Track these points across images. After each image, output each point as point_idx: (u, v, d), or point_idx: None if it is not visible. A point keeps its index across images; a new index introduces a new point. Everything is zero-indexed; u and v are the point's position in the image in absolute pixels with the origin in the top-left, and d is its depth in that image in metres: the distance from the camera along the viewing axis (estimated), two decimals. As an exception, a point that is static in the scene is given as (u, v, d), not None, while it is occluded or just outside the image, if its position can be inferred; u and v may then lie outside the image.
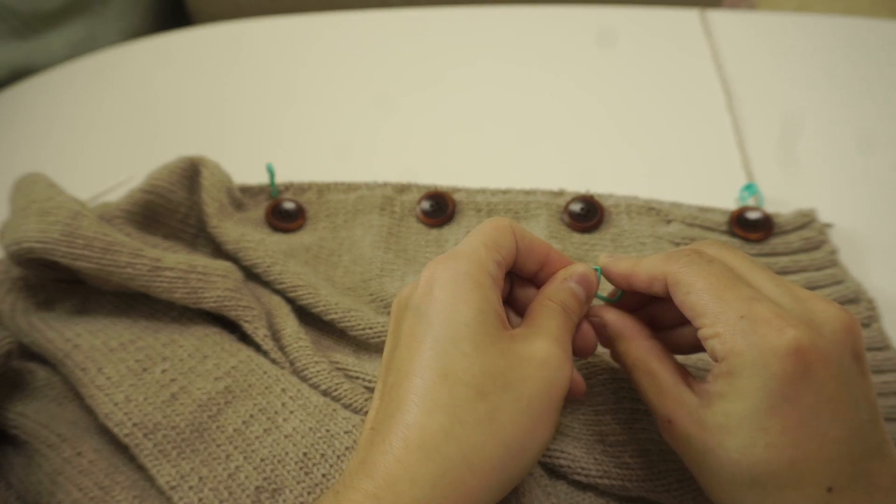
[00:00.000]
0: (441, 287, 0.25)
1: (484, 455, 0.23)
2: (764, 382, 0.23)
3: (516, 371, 0.24)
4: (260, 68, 0.59)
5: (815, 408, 0.23)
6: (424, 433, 0.23)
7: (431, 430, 0.23)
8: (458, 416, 0.23)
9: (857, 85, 0.56)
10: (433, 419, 0.23)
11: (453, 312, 0.24)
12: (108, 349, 0.34)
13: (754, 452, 0.23)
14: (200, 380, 0.34)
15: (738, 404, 0.24)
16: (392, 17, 0.63)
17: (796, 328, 0.23)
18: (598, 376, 0.35)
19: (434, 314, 0.24)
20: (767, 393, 0.23)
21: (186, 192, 0.42)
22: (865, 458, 0.23)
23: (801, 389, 0.23)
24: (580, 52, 0.60)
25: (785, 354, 0.23)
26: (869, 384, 0.24)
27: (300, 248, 0.43)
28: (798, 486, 0.23)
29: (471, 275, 0.25)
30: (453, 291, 0.25)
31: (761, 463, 0.23)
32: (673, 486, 0.31)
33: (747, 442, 0.23)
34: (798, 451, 0.23)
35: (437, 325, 0.24)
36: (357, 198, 0.46)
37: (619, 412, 0.33)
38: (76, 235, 0.34)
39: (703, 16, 0.61)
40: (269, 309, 0.39)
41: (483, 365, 0.24)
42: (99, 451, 0.32)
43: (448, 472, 0.22)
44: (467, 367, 0.24)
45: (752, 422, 0.23)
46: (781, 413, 0.23)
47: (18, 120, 0.55)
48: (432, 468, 0.22)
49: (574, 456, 0.34)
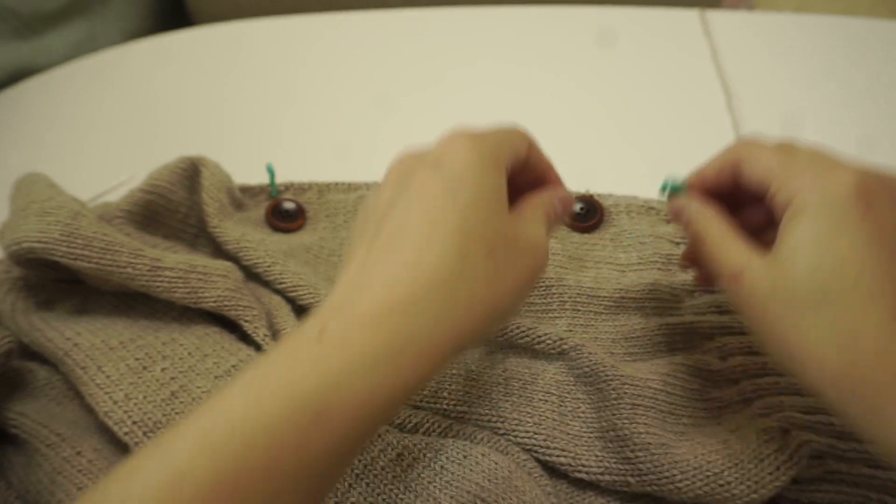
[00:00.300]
0: (463, 155, 0.26)
1: (482, 302, 0.25)
2: (831, 209, 0.25)
3: (519, 243, 0.27)
4: (260, 68, 0.59)
5: (881, 230, 0.25)
6: (435, 273, 0.24)
7: (443, 271, 0.24)
8: (468, 264, 0.25)
9: (857, 85, 0.56)
10: (446, 262, 0.24)
11: (477, 178, 0.26)
12: (107, 348, 0.34)
13: (824, 268, 0.25)
14: (200, 378, 0.34)
15: (807, 231, 0.26)
16: (392, 17, 0.63)
17: (858, 171, 0.26)
18: (599, 374, 0.35)
19: (458, 174, 0.26)
20: (834, 217, 0.25)
21: (187, 192, 0.42)
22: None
23: (866, 214, 0.25)
24: (580, 52, 0.60)
25: (849, 185, 0.25)
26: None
27: (300, 249, 0.43)
28: (868, 302, 0.24)
29: (492, 154, 0.27)
30: (479, 161, 0.26)
31: (832, 277, 0.24)
32: (676, 479, 0.31)
33: (817, 260, 0.25)
34: (866, 265, 0.24)
35: (459, 184, 0.26)
36: (357, 198, 0.46)
37: (619, 408, 0.33)
38: (76, 235, 0.34)
39: (702, 16, 0.61)
40: (269, 309, 0.39)
41: (495, 229, 0.26)
42: (99, 451, 0.32)
43: (448, 313, 0.24)
44: (483, 226, 0.25)
45: (821, 242, 0.25)
46: (849, 232, 0.25)
47: (19, 120, 0.55)
48: (435, 306, 0.24)
49: (574, 454, 0.34)
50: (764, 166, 0.28)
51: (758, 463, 0.30)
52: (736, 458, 0.31)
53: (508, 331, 0.37)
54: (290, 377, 0.22)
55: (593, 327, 0.40)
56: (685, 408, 0.35)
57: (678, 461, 0.31)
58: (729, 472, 0.30)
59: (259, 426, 0.21)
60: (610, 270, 0.43)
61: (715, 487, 0.30)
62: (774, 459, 0.30)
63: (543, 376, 0.37)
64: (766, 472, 0.30)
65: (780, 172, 0.27)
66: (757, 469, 0.30)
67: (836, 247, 0.25)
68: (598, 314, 0.41)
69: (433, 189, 0.26)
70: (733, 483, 0.30)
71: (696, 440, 0.33)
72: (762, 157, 0.28)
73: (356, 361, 0.22)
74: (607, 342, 0.39)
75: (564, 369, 0.37)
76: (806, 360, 0.25)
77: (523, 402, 0.36)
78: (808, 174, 0.27)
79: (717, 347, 0.37)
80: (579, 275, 0.42)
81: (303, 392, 0.22)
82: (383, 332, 0.23)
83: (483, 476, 0.31)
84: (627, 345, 0.39)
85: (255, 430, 0.21)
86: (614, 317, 0.41)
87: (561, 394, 0.36)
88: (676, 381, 0.35)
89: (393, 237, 0.25)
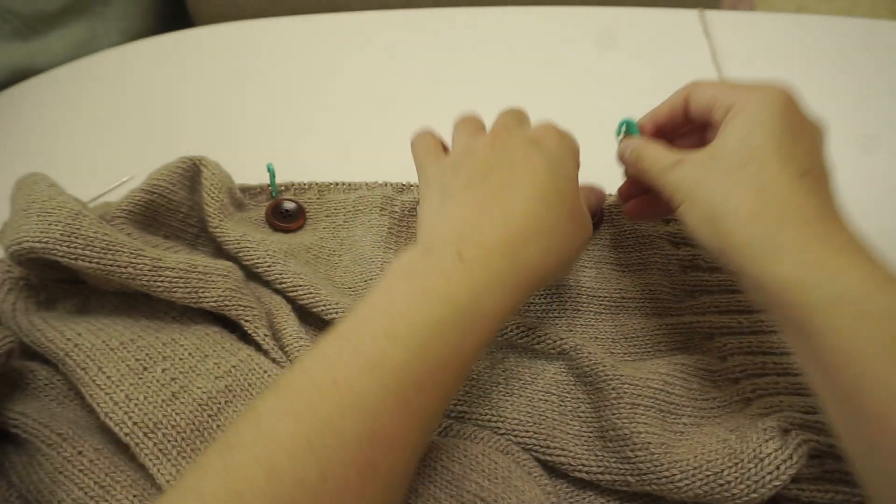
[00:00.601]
0: (558, 143, 0.34)
1: (561, 256, 0.32)
2: (761, 108, 0.31)
3: (585, 219, 0.34)
4: (260, 68, 0.59)
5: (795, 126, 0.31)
6: (542, 223, 0.31)
7: (548, 223, 0.31)
8: (561, 224, 0.32)
9: (856, 85, 0.56)
10: (550, 217, 0.31)
11: (567, 161, 0.34)
12: (108, 348, 0.34)
13: (751, 140, 0.31)
14: (201, 379, 0.34)
15: (741, 121, 0.32)
16: (392, 18, 0.63)
17: (785, 89, 0.32)
18: (599, 374, 0.35)
19: (556, 156, 0.33)
20: (763, 112, 0.31)
21: (187, 192, 0.42)
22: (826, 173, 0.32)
23: (785, 113, 0.31)
24: (580, 52, 0.60)
25: (777, 93, 0.32)
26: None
27: (301, 249, 0.43)
28: (781, 165, 0.30)
29: (575, 149, 0.36)
30: (567, 151, 0.34)
31: (756, 148, 0.30)
32: (676, 478, 0.31)
33: (746, 135, 0.31)
34: (783, 142, 0.30)
35: (557, 163, 0.33)
36: (357, 198, 0.46)
37: (619, 408, 0.33)
38: (77, 235, 0.34)
39: (702, 16, 0.61)
40: (269, 309, 0.39)
41: (575, 202, 0.33)
42: (99, 451, 0.32)
43: (546, 255, 0.31)
44: (572, 199, 0.33)
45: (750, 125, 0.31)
46: (772, 122, 0.31)
47: (20, 120, 0.55)
48: (539, 248, 0.30)
49: (574, 453, 0.34)
50: (709, 94, 0.34)
51: (758, 462, 0.30)
52: (736, 457, 0.31)
53: (508, 331, 0.37)
54: (446, 289, 0.27)
55: (593, 327, 0.40)
56: (685, 407, 0.35)
57: (678, 461, 0.31)
58: (728, 471, 0.30)
59: (432, 327, 0.27)
60: (610, 270, 0.43)
61: (714, 487, 0.30)
62: (774, 459, 0.30)
63: (543, 376, 0.37)
64: (766, 471, 0.30)
65: (722, 94, 0.33)
66: (757, 469, 0.30)
67: (761, 129, 0.31)
68: (599, 314, 0.41)
69: (536, 160, 0.33)
70: (733, 482, 0.30)
71: (695, 439, 0.33)
72: (708, 88, 0.35)
73: (494, 280, 0.28)
74: (607, 342, 0.39)
75: (564, 369, 0.37)
76: (728, 210, 0.30)
77: (523, 401, 0.36)
78: (746, 90, 0.33)
79: (716, 347, 0.37)
80: (579, 275, 0.42)
81: (458, 302, 0.27)
82: (507, 258, 0.29)
83: (482, 475, 0.31)
84: (627, 345, 0.39)
85: (430, 330, 0.26)
86: (614, 317, 0.41)
87: (561, 393, 0.36)
88: (676, 380, 0.35)
89: (503, 188, 0.32)
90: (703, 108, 0.34)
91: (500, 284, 0.29)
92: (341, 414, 0.24)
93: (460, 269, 0.28)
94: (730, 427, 0.33)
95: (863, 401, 0.25)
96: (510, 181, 0.32)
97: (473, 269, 0.28)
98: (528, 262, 0.30)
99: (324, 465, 0.23)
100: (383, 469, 0.25)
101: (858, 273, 0.27)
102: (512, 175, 0.32)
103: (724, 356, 0.36)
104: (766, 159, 0.30)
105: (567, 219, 0.32)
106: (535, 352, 0.38)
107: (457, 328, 0.27)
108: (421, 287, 0.28)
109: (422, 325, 0.26)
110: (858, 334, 0.26)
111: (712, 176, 0.31)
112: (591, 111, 0.55)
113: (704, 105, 0.34)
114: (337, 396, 0.25)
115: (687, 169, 0.33)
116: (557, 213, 0.32)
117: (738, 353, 0.37)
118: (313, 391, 0.25)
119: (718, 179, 0.31)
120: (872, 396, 0.25)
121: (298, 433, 0.24)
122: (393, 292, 0.28)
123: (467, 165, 0.33)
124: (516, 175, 0.32)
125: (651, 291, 0.41)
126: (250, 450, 0.23)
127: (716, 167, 0.31)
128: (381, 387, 0.25)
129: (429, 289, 0.27)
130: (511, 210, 0.31)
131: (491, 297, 0.28)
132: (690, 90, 0.36)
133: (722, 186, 0.31)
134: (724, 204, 0.30)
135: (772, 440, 0.31)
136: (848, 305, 0.26)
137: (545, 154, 0.33)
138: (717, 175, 0.31)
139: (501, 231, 0.30)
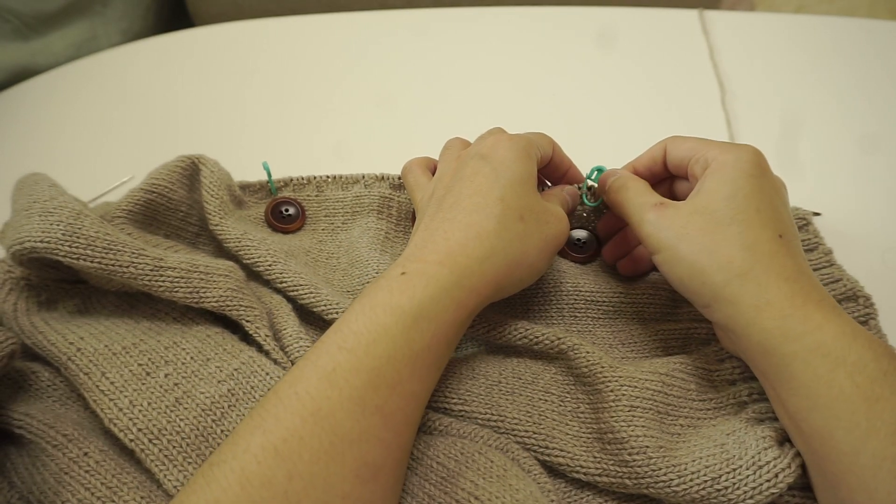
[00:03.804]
0: (505, 149, 0.36)
1: (513, 256, 0.34)
2: (740, 167, 0.34)
3: (544, 215, 0.36)
4: (260, 68, 0.59)
5: (767, 186, 0.34)
6: (482, 229, 0.33)
7: (487, 228, 0.33)
8: (504, 226, 0.34)
9: (856, 85, 0.56)
10: (489, 223, 0.34)
11: (514, 165, 0.36)
12: (111, 353, 0.34)
13: (735, 199, 0.33)
14: (203, 383, 0.34)
15: (723, 177, 0.34)
16: (392, 18, 0.64)
17: (755, 149, 0.35)
18: (597, 375, 0.35)
19: (499, 164, 0.36)
20: (743, 172, 0.33)
21: (187, 191, 0.42)
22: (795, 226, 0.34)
23: (758, 174, 0.34)
24: (580, 52, 0.60)
25: (751, 154, 0.34)
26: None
27: (300, 251, 0.44)
28: (762, 225, 0.32)
29: (526, 150, 0.37)
30: (515, 155, 0.36)
31: (740, 206, 0.33)
32: (673, 482, 0.31)
33: (731, 194, 0.33)
34: (762, 203, 0.33)
35: (501, 169, 0.35)
36: (355, 196, 0.46)
37: (617, 410, 0.34)
38: (78, 235, 0.34)
39: (702, 16, 0.62)
40: (269, 308, 0.39)
41: (526, 202, 0.35)
42: (105, 452, 0.32)
43: (491, 258, 0.33)
44: (517, 200, 0.35)
45: (734, 184, 0.33)
46: (751, 182, 0.33)
47: (20, 120, 0.55)
48: (482, 252, 0.33)
49: (573, 454, 0.34)
50: (687, 147, 0.37)
51: (756, 470, 0.30)
52: (733, 463, 0.31)
53: (507, 332, 0.38)
54: (389, 299, 0.31)
55: (591, 332, 0.40)
56: (682, 408, 0.35)
57: (675, 465, 0.31)
58: (726, 477, 0.30)
59: (378, 332, 0.30)
60: (608, 276, 0.43)
61: (711, 492, 0.31)
62: (773, 467, 0.30)
63: (544, 376, 0.37)
64: (764, 479, 0.30)
65: (700, 148, 0.36)
66: (755, 476, 0.30)
67: (741, 191, 0.33)
68: (597, 319, 0.41)
69: (482, 173, 0.35)
70: (730, 488, 0.30)
71: (692, 442, 0.33)
72: (685, 142, 0.37)
73: (438, 287, 0.31)
74: (605, 347, 0.40)
75: (565, 369, 0.37)
76: (716, 265, 0.32)
77: (524, 401, 0.36)
78: (722, 147, 0.35)
79: (713, 352, 0.37)
80: (578, 280, 0.42)
81: (401, 308, 0.30)
82: (447, 267, 0.32)
83: (477, 474, 0.31)
84: (625, 349, 0.39)
85: (376, 335, 0.30)
86: (612, 321, 0.41)
87: (561, 394, 0.37)
88: (674, 380, 0.35)
89: (451, 209, 0.35)
90: (680, 160, 0.37)
91: (446, 291, 0.31)
92: (303, 420, 0.27)
93: (402, 280, 0.31)
94: (726, 431, 0.33)
95: (834, 442, 0.29)
96: (458, 201, 0.35)
97: (414, 281, 0.31)
98: (471, 268, 0.32)
99: (290, 466, 0.26)
100: (349, 460, 0.27)
101: (835, 327, 0.30)
102: (461, 194, 0.35)
103: (722, 359, 0.36)
104: (748, 220, 0.32)
105: (514, 219, 0.34)
106: (535, 352, 0.38)
107: (403, 330, 0.30)
108: (369, 304, 0.31)
109: (367, 333, 0.30)
110: (834, 381, 0.29)
111: (696, 230, 0.33)
112: (590, 111, 0.55)
113: (681, 157, 0.37)
114: (299, 406, 0.28)
115: (670, 215, 0.34)
116: (499, 217, 0.34)
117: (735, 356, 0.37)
118: (279, 406, 0.28)
119: (703, 234, 0.33)
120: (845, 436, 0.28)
121: (266, 443, 0.27)
122: (349, 312, 0.31)
123: (436, 193, 0.37)
124: (463, 193, 0.35)
125: (648, 297, 0.41)
126: (227, 464, 0.27)
127: (699, 222, 0.33)
128: (336, 391, 0.28)
129: (375, 303, 0.31)
130: (452, 227, 0.34)
131: (438, 303, 0.31)
132: (668, 143, 0.38)
133: (709, 242, 0.32)
134: (711, 259, 0.32)
135: (770, 448, 0.31)
136: (826, 355, 0.29)
137: (491, 164, 0.36)
138: (702, 230, 0.33)
139: (441, 245, 0.33)
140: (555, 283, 0.41)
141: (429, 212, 0.36)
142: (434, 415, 0.35)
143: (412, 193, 0.41)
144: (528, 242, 0.35)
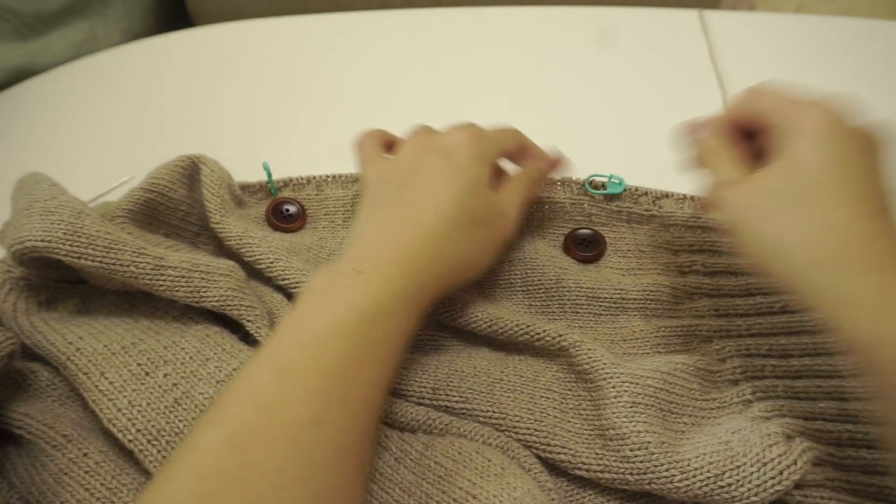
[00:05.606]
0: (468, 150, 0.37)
1: (463, 257, 0.36)
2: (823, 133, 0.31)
3: (493, 215, 0.38)
4: (260, 68, 0.59)
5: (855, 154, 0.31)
6: (436, 231, 0.35)
7: (440, 230, 0.35)
8: (456, 228, 0.35)
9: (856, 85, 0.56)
10: (442, 224, 0.35)
11: (472, 167, 0.37)
12: (110, 353, 0.34)
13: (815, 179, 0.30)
14: (202, 384, 0.34)
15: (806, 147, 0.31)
16: (392, 18, 0.64)
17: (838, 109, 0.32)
18: (599, 371, 0.35)
19: (459, 164, 0.37)
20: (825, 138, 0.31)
21: (187, 191, 0.42)
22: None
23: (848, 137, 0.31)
24: (580, 52, 0.60)
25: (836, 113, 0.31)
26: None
27: (302, 248, 0.44)
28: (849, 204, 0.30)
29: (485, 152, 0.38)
30: (475, 156, 0.37)
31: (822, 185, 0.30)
32: (676, 478, 0.31)
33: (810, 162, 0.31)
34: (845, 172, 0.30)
35: (459, 171, 0.36)
36: (354, 194, 0.46)
37: (618, 406, 0.34)
38: (79, 234, 0.34)
39: (701, 16, 0.62)
40: (270, 307, 0.39)
41: (479, 205, 0.37)
42: (104, 453, 0.32)
43: (442, 259, 0.35)
44: (471, 202, 0.36)
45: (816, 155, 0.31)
46: (835, 148, 0.31)
47: (20, 120, 0.55)
48: (434, 253, 0.34)
49: (574, 451, 0.34)
50: (762, 104, 0.34)
51: (760, 467, 0.30)
52: (737, 460, 0.31)
53: (508, 328, 0.38)
54: (344, 296, 0.31)
55: (592, 329, 0.40)
56: (685, 407, 0.35)
57: (678, 461, 0.31)
58: (729, 473, 0.30)
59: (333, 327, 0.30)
60: (610, 272, 0.43)
61: (714, 489, 0.30)
62: (777, 464, 0.30)
63: (545, 374, 0.37)
64: (768, 476, 0.30)
65: (776, 106, 0.33)
66: (759, 473, 0.30)
67: (822, 158, 0.30)
68: (598, 315, 0.41)
69: (443, 174, 0.36)
70: (733, 485, 0.30)
71: (696, 440, 0.33)
72: (761, 97, 0.34)
73: (393, 285, 0.32)
74: (606, 343, 0.40)
75: (566, 367, 0.37)
76: (793, 245, 0.30)
77: (525, 398, 0.36)
78: (799, 106, 0.32)
79: (715, 350, 0.37)
80: (579, 276, 0.42)
81: (356, 305, 0.31)
82: (401, 267, 0.33)
83: (475, 473, 0.31)
84: (626, 346, 0.39)
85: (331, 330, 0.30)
86: (614, 318, 0.41)
87: (562, 391, 0.37)
88: (676, 379, 0.35)
89: (406, 205, 0.36)
90: (758, 119, 0.34)
91: (401, 290, 0.32)
92: (258, 412, 0.28)
93: (360, 279, 0.32)
94: (731, 429, 0.33)
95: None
96: (415, 199, 0.36)
97: (370, 279, 0.32)
98: (423, 268, 0.34)
99: (244, 456, 0.27)
100: (304, 445, 0.28)
101: None
102: (417, 190, 0.36)
103: (723, 358, 0.36)
104: (831, 196, 0.30)
105: (468, 223, 0.36)
106: (536, 349, 0.38)
107: (360, 326, 0.31)
108: (326, 301, 0.32)
109: (324, 329, 0.30)
110: None
111: (772, 210, 0.31)
112: (590, 111, 0.55)
113: (758, 116, 0.34)
114: (252, 400, 0.28)
115: (744, 196, 0.32)
116: (453, 221, 0.35)
117: (737, 355, 0.37)
118: (232, 401, 0.29)
119: (780, 214, 0.31)
120: None
121: (221, 437, 0.27)
122: (302, 309, 0.32)
123: (392, 179, 0.38)
124: (421, 190, 0.36)
125: (650, 294, 0.41)
126: (184, 460, 0.27)
127: (775, 202, 0.31)
128: (291, 385, 0.29)
129: (330, 299, 0.32)
130: (406, 227, 0.35)
131: (393, 299, 0.32)
132: (747, 96, 0.35)
133: (783, 222, 0.30)
134: (784, 241, 0.30)
135: (776, 445, 0.31)
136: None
137: (453, 165, 0.37)
138: (777, 208, 0.31)
139: (395, 245, 0.34)
140: (556, 279, 0.41)
141: (380, 199, 0.37)
142: (434, 413, 0.35)
143: (364, 166, 0.41)
144: (477, 243, 0.37)
